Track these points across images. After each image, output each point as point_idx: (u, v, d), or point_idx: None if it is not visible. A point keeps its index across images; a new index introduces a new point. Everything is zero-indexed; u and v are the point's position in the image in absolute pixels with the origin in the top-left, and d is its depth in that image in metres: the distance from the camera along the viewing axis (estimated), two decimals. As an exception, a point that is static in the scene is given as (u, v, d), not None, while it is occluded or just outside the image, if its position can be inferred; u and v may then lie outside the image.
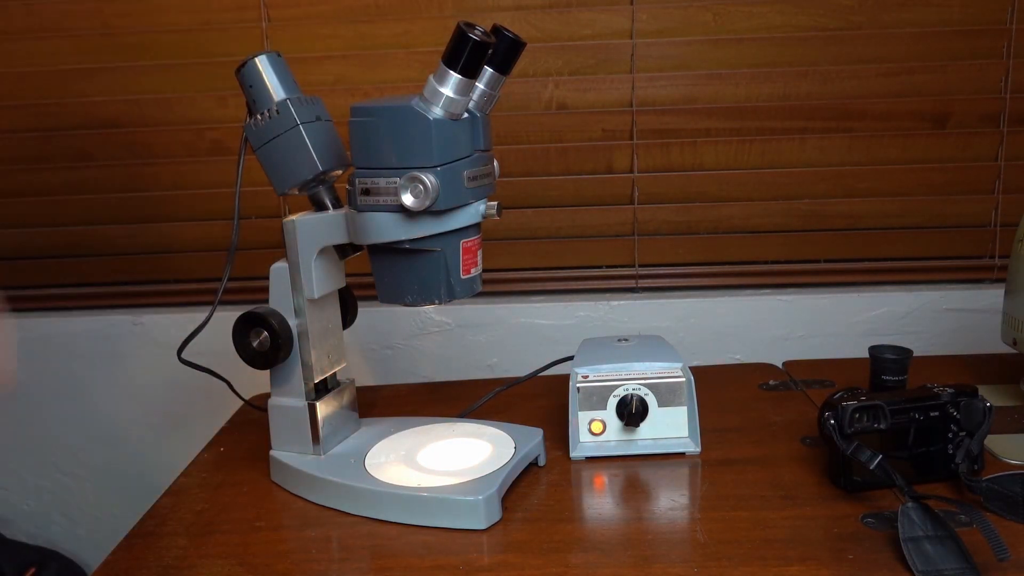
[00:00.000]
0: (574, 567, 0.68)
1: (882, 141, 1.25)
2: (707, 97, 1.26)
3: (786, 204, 1.28)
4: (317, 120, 0.80)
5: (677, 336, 1.29)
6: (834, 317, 1.29)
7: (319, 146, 0.79)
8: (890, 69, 1.23)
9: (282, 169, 0.80)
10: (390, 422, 0.92)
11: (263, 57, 0.80)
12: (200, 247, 1.33)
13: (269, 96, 0.80)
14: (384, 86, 1.27)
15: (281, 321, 0.81)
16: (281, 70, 0.80)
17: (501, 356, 1.32)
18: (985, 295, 1.28)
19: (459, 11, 1.25)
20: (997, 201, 1.27)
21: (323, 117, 0.81)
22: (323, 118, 0.81)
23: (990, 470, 0.79)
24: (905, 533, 0.66)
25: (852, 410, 0.74)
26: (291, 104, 0.79)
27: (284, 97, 0.79)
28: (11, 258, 1.36)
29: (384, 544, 0.73)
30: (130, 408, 1.36)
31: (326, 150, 0.80)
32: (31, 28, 1.29)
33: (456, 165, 0.73)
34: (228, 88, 1.28)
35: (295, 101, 0.79)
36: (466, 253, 0.77)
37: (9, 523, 1.42)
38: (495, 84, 0.76)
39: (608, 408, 0.86)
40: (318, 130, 0.80)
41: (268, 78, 0.79)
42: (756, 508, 0.75)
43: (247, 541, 0.75)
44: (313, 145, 0.79)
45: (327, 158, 0.80)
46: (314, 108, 0.81)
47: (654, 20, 1.24)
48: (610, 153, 1.28)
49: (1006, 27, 1.21)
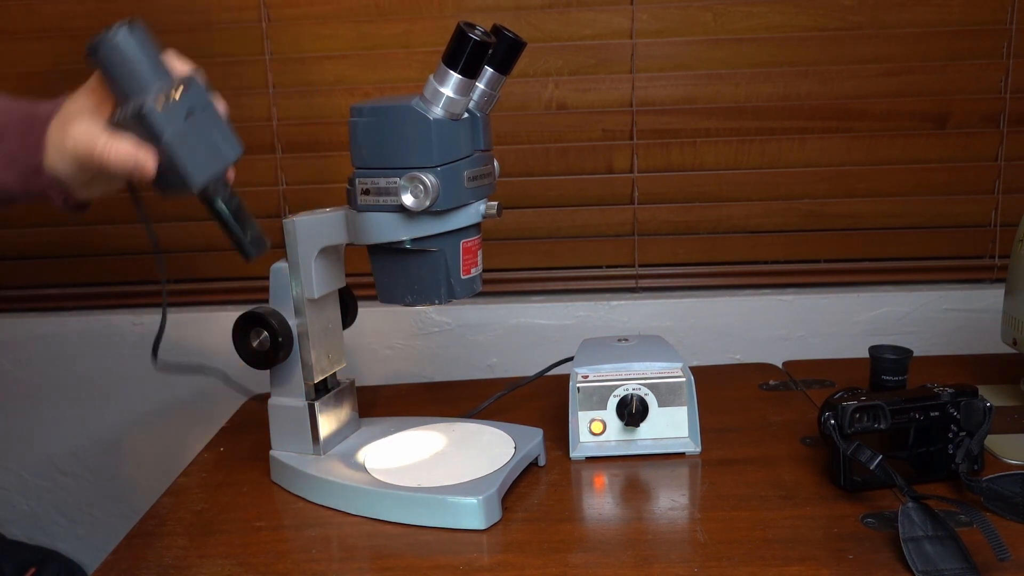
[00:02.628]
0: (574, 567, 0.68)
1: (882, 141, 1.25)
2: (707, 97, 1.26)
3: (786, 204, 1.28)
4: (189, 117, 0.66)
5: (677, 336, 1.29)
6: (834, 317, 1.29)
7: (186, 156, 0.67)
8: (890, 69, 1.23)
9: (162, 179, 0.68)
10: (390, 422, 0.92)
11: (117, 36, 0.65)
12: (200, 247, 1.33)
13: (126, 90, 0.66)
14: (384, 86, 1.27)
15: (281, 321, 0.81)
16: (136, 50, 0.65)
17: (501, 356, 1.32)
18: (985, 295, 1.28)
19: (459, 11, 1.25)
20: (997, 201, 1.27)
21: (197, 108, 0.67)
22: (197, 109, 0.67)
23: (990, 470, 0.79)
24: (905, 533, 0.66)
25: (852, 410, 0.74)
26: (148, 106, 0.65)
27: (139, 98, 0.65)
28: (11, 258, 1.36)
29: (384, 544, 0.73)
30: (130, 408, 1.36)
31: (196, 158, 0.68)
32: (31, 28, 1.29)
33: (456, 165, 0.73)
34: (228, 88, 1.28)
35: (152, 101, 0.65)
36: (466, 253, 0.77)
37: (9, 523, 1.42)
38: (495, 84, 0.76)
39: (608, 408, 0.86)
40: (188, 133, 0.67)
41: (122, 65, 0.65)
42: (756, 508, 0.75)
43: (247, 541, 0.75)
44: (180, 156, 0.66)
45: (197, 168, 0.68)
46: (185, 100, 0.66)
47: (654, 20, 1.24)
48: (610, 153, 1.28)
49: (1006, 27, 1.21)
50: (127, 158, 0.65)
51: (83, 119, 0.67)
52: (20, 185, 0.70)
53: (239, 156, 0.70)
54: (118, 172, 0.67)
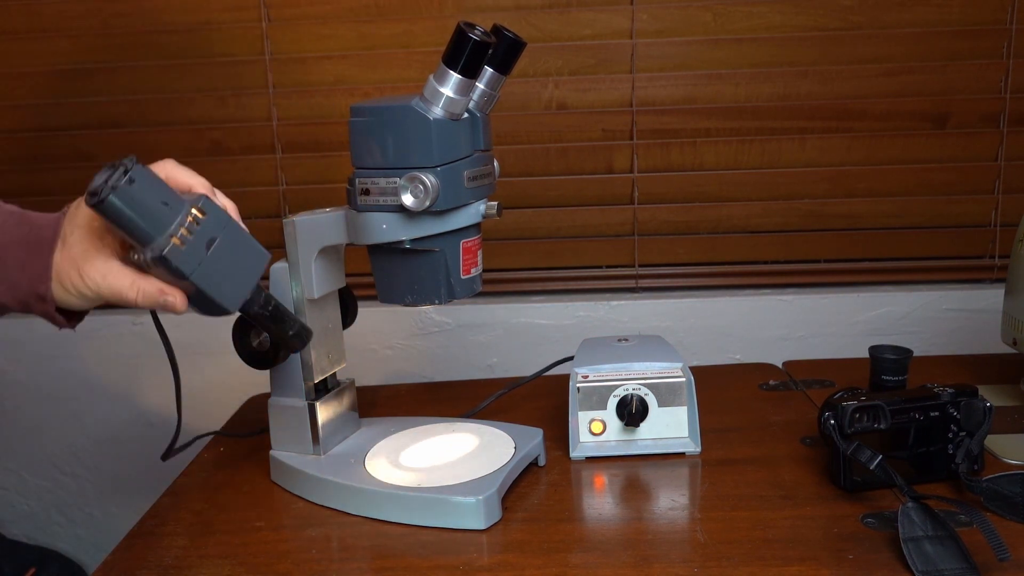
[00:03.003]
0: (574, 567, 0.68)
1: (882, 141, 1.25)
2: (707, 97, 1.26)
3: (786, 204, 1.28)
4: (210, 249, 0.62)
5: (677, 336, 1.29)
6: (834, 317, 1.29)
7: (215, 287, 0.64)
8: (890, 69, 1.23)
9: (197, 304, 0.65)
10: (390, 422, 0.92)
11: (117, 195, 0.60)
12: (200, 247, 1.33)
13: (140, 236, 0.61)
14: (384, 86, 1.27)
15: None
16: (144, 197, 0.61)
17: (501, 356, 1.32)
18: (985, 295, 1.28)
19: (459, 11, 1.25)
20: (997, 201, 1.27)
21: (217, 234, 0.63)
22: (217, 236, 0.63)
23: (990, 470, 0.79)
24: (905, 533, 0.66)
25: (852, 410, 0.74)
26: (171, 252, 0.60)
27: (159, 240, 0.61)
28: (11, 258, 1.36)
29: (384, 544, 0.73)
30: (130, 408, 1.36)
31: (225, 285, 0.64)
32: (31, 28, 1.29)
33: (456, 165, 0.73)
34: (228, 88, 1.29)
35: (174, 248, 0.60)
36: (466, 253, 0.77)
37: (9, 523, 1.42)
38: (495, 84, 0.76)
39: (608, 408, 0.86)
40: (213, 266, 0.63)
41: (131, 216, 0.60)
42: (756, 508, 0.75)
43: (247, 541, 0.75)
44: (209, 289, 0.63)
45: (229, 294, 0.65)
46: (204, 233, 0.62)
47: (654, 20, 1.24)
48: (610, 153, 1.28)
49: (1006, 27, 1.21)
50: (156, 299, 0.63)
51: (97, 258, 0.64)
52: (19, 306, 0.67)
53: (267, 263, 0.68)
54: (146, 308, 0.65)
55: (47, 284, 0.65)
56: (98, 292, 0.64)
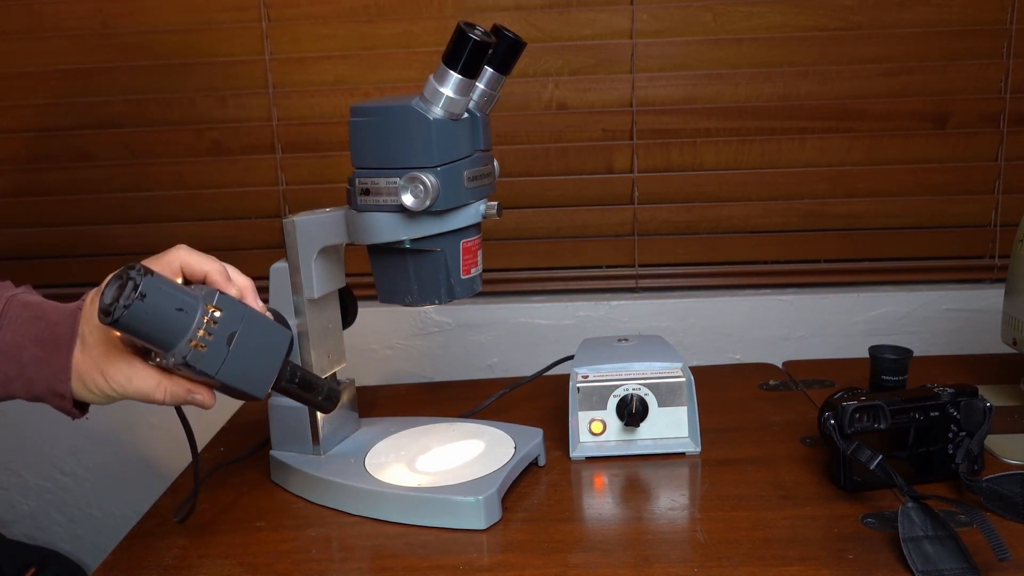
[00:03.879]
0: (574, 567, 0.68)
1: (882, 141, 1.25)
2: (707, 97, 1.26)
3: (786, 204, 1.28)
4: (231, 343, 0.61)
5: (677, 336, 1.29)
6: (834, 317, 1.29)
7: (242, 379, 0.63)
8: (890, 69, 1.23)
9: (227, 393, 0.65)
10: (390, 422, 0.92)
11: (132, 311, 0.58)
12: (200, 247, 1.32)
13: (160, 343, 0.60)
14: (384, 86, 1.27)
15: (281, 321, 0.81)
16: (160, 304, 0.59)
17: (501, 356, 1.32)
18: (985, 295, 1.28)
19: (459, 11, 1.25)
20: (997, 201, 1.27)
21: (237, 326, 0.62)
22: (237, 328, 0.62)
23: (990, 470, 0.79)
24: (905, 533, 0.66)
25: (852, 410, 0.74)
26: (192, 356, 0.60)
27: (179, 345, 0.60)
28: (11, 258, 1.36)
29: (384, 544, 0.73)
30: (130, 408, 1.35)
31: (251, 375, 0.64)
32: (31, 28, 1.29)
33: (456, 165, 0.73)
34: (228, 88, 1.29)
35: (195, 352, 0.60)
36: (466, 253, 0.77)
37: (9, 523, 1.42)
38: (495, 84, 0.76)
39: (608, 408, 0.86)
40: (236, 360, 0.62)
41: (149, 327, 0.59)
42: (756, 508, 0.75)
43: (247, 541, 0.75)
44: (237, 382, 0.63)
45: (256, 383, 0.64)
46: (223, 330, 0.61)
47: (654, 20, 1.24)
48: (610, 153, 1.28)
49: (1006, 27, 1.21)
50: (184, 399, 0.64)
51: (120, 360, 0.63)
52: (32, 399, 0.67)
53: (289, 340, 0.67)
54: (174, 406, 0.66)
55: (66, 384, 0.64)
56: (124, 394, 0.64)
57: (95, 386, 0.64)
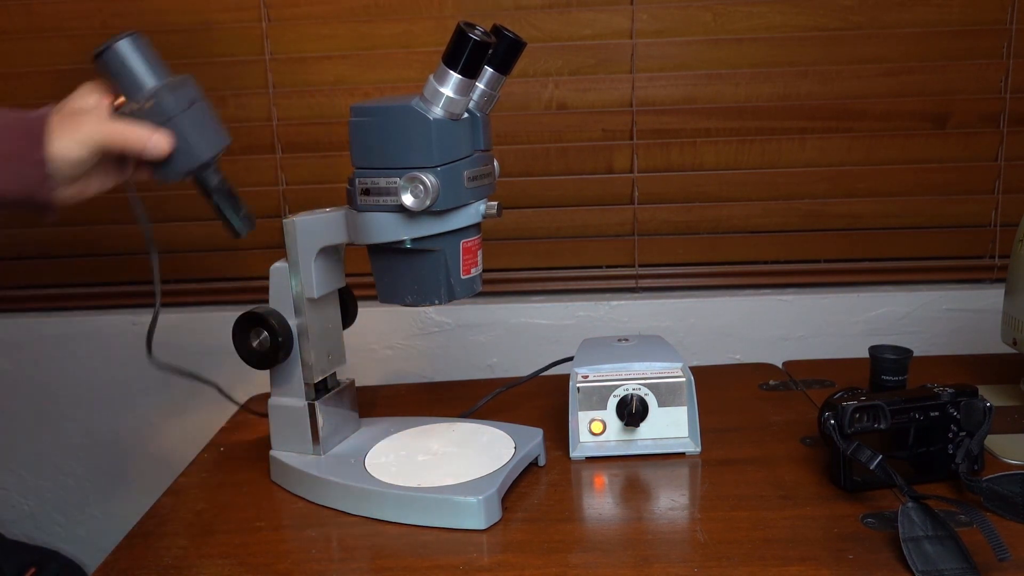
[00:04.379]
0: (574, 567, 0.68)
1: (882, 141, 1.25)
2: (707, 97, 1.26)
3: (786, 204, 1.28)
4: (191, 106, 0.76)
5: (677, 336, 1.29)
6: (834, 317, 1.29)
7: (195, 135, 0.76)
8: (890, 69, 1.23)
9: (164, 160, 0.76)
10: (390, 422, 0.92)
11: (125, 42, 0.75)
12: (200, 247, 1.33)
13: (137, 85, 0.75)
14: (384, 86, 1.27)
15: (281, 321, 0.81)
16: (145, 53, 0.76)
17: (501, 356, 1.32)
18: (985, 295, 1.28)
19: (459, 11, 1.25)
20: (997, 201, 1.27)
21: (197, 99, 0.77)
22: (197, 100, 0.77)
23: (990, 470, 0.79)
24: (905, 533, 0.66)
25: (852, 410, 0.74)
26: (161, 93, 0.74)
27: (153, 86, 0.75)
28: (10, 258, 1.36)
29: (384, 544, 0.73)
30: (130, 408, 1.36)
31: (202, 137, 0.77)
32: (31, 28, 1.29)
33: (456, 165, 0.73)
34: (228, 88, 1.28)
35: (165, 88, 0.75)
36: (466, 253, 0.77)
37: (9, 523, 1.42)
38: (495, 84, 0.76)
39: (608, 408, 0.86)
40: (194, 117, 0.76)
41: (134, 65, 0.75)
42: (756, 508, 0.75)
43: (247, 541, 0.75)
44: (189, 135, 0.75)
45: (204, 146, 0.77)
46: (187, 92, 0.76)
47: (654, 20, 1.24)
48: (610, 153, 1.28)
49: (1006, 27, 1.21)
50: (145, 137, 0.73)
51: (92, 112, 0.73)
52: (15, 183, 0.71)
53: (229, 144, 0.80)
54: (134, 151, 0.73)
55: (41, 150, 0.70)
56: (91, 135, 0.71)
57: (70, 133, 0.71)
